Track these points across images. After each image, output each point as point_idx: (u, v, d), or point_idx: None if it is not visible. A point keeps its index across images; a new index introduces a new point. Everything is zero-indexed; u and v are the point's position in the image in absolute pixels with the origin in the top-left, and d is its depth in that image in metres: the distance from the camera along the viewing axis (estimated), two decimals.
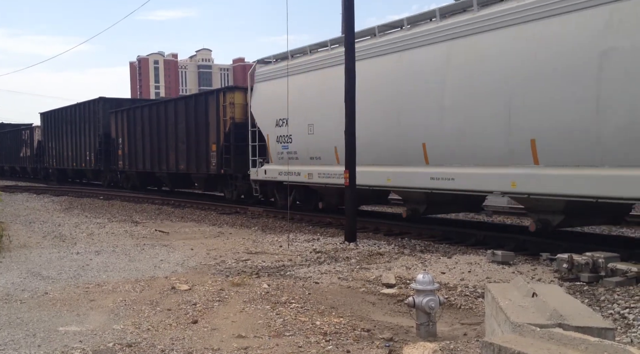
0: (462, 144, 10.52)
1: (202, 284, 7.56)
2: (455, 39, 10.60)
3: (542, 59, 9.09)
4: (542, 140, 9.16)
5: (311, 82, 14.17)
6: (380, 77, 12.14)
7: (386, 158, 12.17)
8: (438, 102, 10.83)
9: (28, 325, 5.93)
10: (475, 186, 10.44)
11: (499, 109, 9.81)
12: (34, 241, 11.77)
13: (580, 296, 6.83)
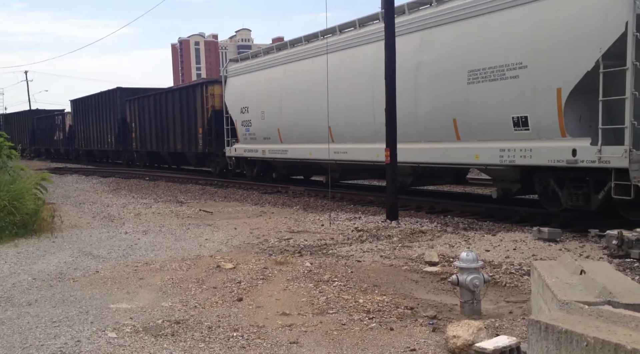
0: (351, 127, 14.45)
1: (246, 262, 7.67)
2: (345, 49, 14.66)
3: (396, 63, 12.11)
4: (402, 123, 11.88)
5: (262, 78, 18.08)
6: (301, 77, 16.16)
7: (308, 138, 15.96)
8: (335, 96, 14.16)
9: (81, 303, 6.15)
10: (359, 157, 14.36)
11: (367, 101, 13.60)
12: (84, 222, 12.15)
13: (630, 273, 6.66)
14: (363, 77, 13.76)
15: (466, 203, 12.47)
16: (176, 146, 24.46)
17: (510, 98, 10.31)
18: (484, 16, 10.82)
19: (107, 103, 31.95)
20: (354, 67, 14.22)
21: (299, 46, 16.78)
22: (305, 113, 15.91)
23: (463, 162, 11.73)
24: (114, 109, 30.81)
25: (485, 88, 10.75)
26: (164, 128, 25.37)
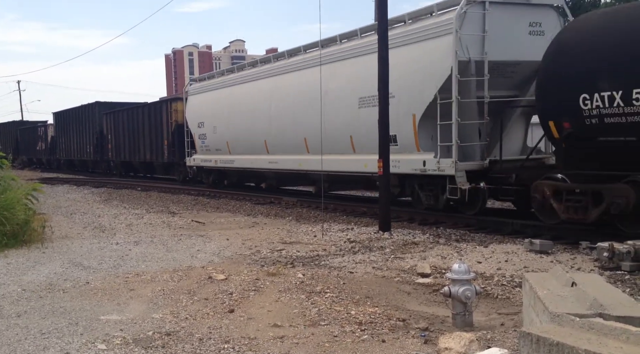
0: (280, 140, 16.86)
1: (238, 274, 7.64)
2: (278, 76, 17.22)
3: (306, 90, 15.28)
4: (311, 139, 15.31)
5: (215, 97, 20.61)
6: (244, 98, 18.70)
7: (250, 150, 18.47)
8: (267, 114, 17.37)
9: (71, 314, 6.10)
10: (287, 166, 16.81)
11: (291, 120, 16.27)
12: (75, 232, 12.08)
13: (621, 285, 6.68)
14: (289, 99, 16.47)
15: (458, 215, 12.49)
16: (146, 156, 26.97)
17: (363, 123, 13.43)
18: (369, 55, 13.12)
19: (86, 116, 34.37)
20: (282, 91, 16.94)
21: (244, 70, 19.68)
22: (247, 129, 18.47)
23: (358, 171, 14.18)
24: (93, 122, 33.19)
25: (369, 112, 13.13)
26: (135, 140, 27.75)
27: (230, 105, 19.44)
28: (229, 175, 21.22)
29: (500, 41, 11.51)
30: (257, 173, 19.49)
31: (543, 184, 10.09)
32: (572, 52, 9.52)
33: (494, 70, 11.63)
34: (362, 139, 13.69)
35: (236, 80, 19.57)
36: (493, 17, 11.49)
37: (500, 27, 11.52)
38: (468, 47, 11.34)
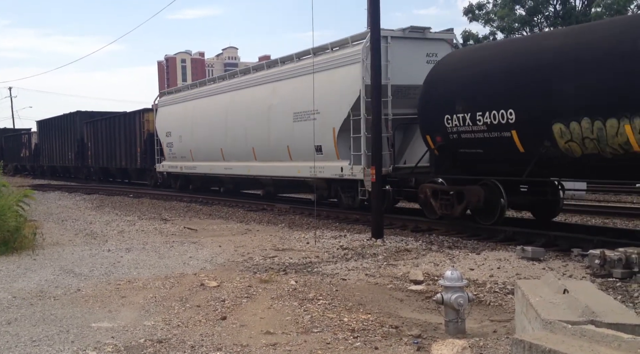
0: (234, 149, 18.83)
1: (231, 281, 7.62)
2: (233, 91, 19.24)
3: (254, 105, 17.68)
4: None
5: (181, 109, 22.61)
6: (205, 111, 20.82)
7: (208, 157, 20.54)
8: (224, 126, 19.42)
9: (62, 321, 6.05)
10: (239, 172, 19.07)
11: (242, 131, 18.30)
12: (66, 239, 12.01)
13: (612, 292, 6.70)
14: (241, 112, 18.46)
15: (451, 222, 12.51)
16: (121, 162, 29.01)
17: (298, 135, 15.67)
18: (302, 76, 15.51)
19: (68, 124, 36.20)
20: (236, 105, 18.91)
21: (206, 86, 21.84)
22: (207, 138, 20.55)
23: (294, 175, 16.28)
24: (74, 130, 35.03)
25: (301, 125, 15.53)
26: (112, 147, 29.76)
27: (194, 116, 21.57)
28: (193, 180, 23.48)
29: (401, 68, 13.68)
30: (216, 178, 21.67)
31: (425, 186, 12.34)
32: (439, 82, 11.89)
33: (398, 92, 13.76)
34: (296, 148, 15.97)
35: (199, 95, 21.61)
36: (394, 49, 13.68)
37: (401, 57, 13.75)
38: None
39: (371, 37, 11.61)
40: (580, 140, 9.12)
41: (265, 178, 18.18)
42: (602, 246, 8.18)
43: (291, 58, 16.62)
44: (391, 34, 13.71)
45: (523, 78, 9.95)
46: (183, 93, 23.25)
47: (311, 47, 15.29)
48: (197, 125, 21.18)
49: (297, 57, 16.40)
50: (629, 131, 8.39)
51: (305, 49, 16.14)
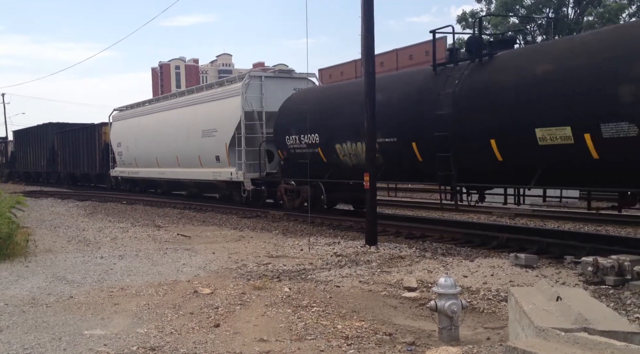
0: (164, 157, 23.13)
1: (224, 288, 7.60)
2: (164, 111, 23.79)
3: (177, 123, 21.92)
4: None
5: (129, 124, 26.98)
6: (144, 126, 25.13)
7: (148, 164, 24.78)
8: (158, 138, 23.55)
9: (54, 329, 6.02)
10: (168, 176, 23.53)
11: (171, 143, 22.31)
12: (59, 246, 11.95)
13: (605, 300, 6.72)
14: (170, 128, 22.60)
15: (445, 229, 12.55)
16: (84, 168, 33.38)
17: (214, 146, 19.52)
18: (207, 103, 20.41)
19: (41, 134, 40.21)
20: (167, 122, 23.11)
21: (149, 105, 26.17)
22: (146, 148, 24.67)
23: (203, 179, 20.79)
24: (47, 139, 38.94)
25: (207, 140, 19.96)
26: (77, 155, 34.03)
27: (138, 130, 25.80)
28: (138, 182, 27.45)
29: (273, 99, 17.89)
30: (154, 181, 25.95)
31: (280, 186, 17.11)
32: (284, 113, 16.79)
33: (271, 117, 17.77)
34: (204, 158, 20.37)
35: (142, 113, 26.09)
36: (267, 85, 18.40)
37: (273, 91, 18.23)
38: (252, 103, 18.10)
39: (365, 44, 11.67)
40: (349, 155, 14.01)
41: (186, 181, 22.99)
42: (595, 253, 8.20)
43: (201, 88, 22.19)
44: (264, 75, 18.96)
45: (322, 115, 14.95)
46: (130, 111, 27.62)
47: (215, 81, 21.78)
48: (140, 137, 25.42)
49: (206, 87, 21.86)
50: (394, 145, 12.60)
51: (211, 82, 21.98)
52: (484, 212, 16.98)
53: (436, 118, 11.13)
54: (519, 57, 11.02)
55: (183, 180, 22.77)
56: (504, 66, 10.72)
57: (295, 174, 16.29)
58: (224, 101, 19.11)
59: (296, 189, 16.39)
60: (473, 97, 10.86)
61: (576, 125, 8.99)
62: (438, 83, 11.62)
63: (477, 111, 10.71)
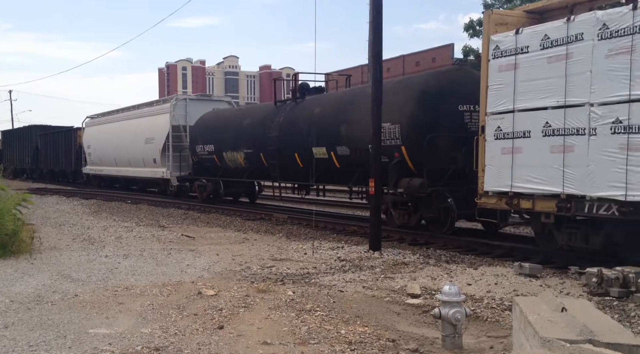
0: (120, 158, 28.29)
1: (228, 289, 7.62)
2: (122, 121, 29.12)
3: (130, 131, 27.40)
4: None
5: (96, 130, 32.27)
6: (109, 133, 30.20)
7: (109, 163, 30.15)
8: (117, 142, 28.48)
9: (59, 327, 6.05)
10: (127, 174, 28.35)
11: (125, 147, 27.59)
12: (64, 244, 11.99)
13: (609, 311, 6.72)
14: (126, 135, 27.70)
15: (448, 236, 12.53)
16: (62, 166, 38.74)
17: (152, 151, 25.08)
18: (148, 117, 26.11)
19: (26, 135, 46.10)
20: (123, 130, 28.29)
21: (114, 115, 31.30)
22: (108, 151, 29.88)
23: (147, 176, 26.28)
24: (31, 140, 44.67)
25: (148, 146, 25.39)
26: (57, 154, 39.36)
27: (102, 136, 30.94)
28: (103, 179, 32.47)
29: (196, 116, 22.82)
30: (114, 178, 31.02)
31: (196, 183, 22.23)
32: (196, 127, 22.31)
33: None
34: (146, 160, 25.81)
35: (107, 121, 31.50)
36: (191, 105, 24.25)
37: (196, 110, 23.58)
38: (178, 119, 23.87)
39: (373, 50, 11.71)
40: (232, 160, 19.70)
41: (135, 178, 28.08)
42: (599, 264, 8.19)
43: (150, 103, 28.05)
44: (189, 98, 25.74)
45: (216, 131, 20.73)
46: (99, 119, 33.18)
47: (154, 100, 28.93)
48: (103, 141, 30.62)
49: (148, 105, 27.91)
50: (240, 157, 19.20)
51: (152, 101, 28.79)
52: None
53: (270, 138, 17.18)
54: (311, 102, 16.61)
55: (133, 177, 28.04)
56: (304, 107, 16.63)
57: (203, 173, 21.99)
58: (158, 116, 25.07)
59: (205, 185, 21.57)
60: (288, 125, 16.71)
61: (327, 147, 15.02)
62: (275, 114, 17.54)
63: (290, 135, 16.51)
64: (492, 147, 10.33)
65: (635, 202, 8.20)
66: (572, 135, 8.99)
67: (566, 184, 9.06)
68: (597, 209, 8.71)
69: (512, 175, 9.94)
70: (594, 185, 8.70)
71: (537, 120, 9.48)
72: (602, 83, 8.60)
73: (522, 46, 9.78)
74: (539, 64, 9.45)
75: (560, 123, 9.09)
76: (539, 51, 9.46)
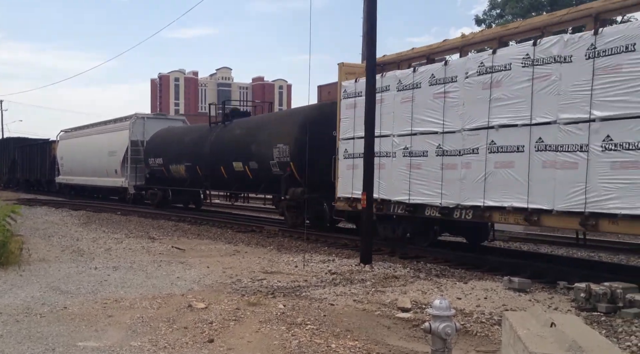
0: (88, 169, 31.56)
1: (218, 302, 7.61)
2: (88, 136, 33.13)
3: (96, 144, 30.91)
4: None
5: (68, 143, 35.57)
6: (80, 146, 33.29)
7: (78, 173, 33.02)
8: (84, 154, 32.04)
9: (47, 339, 6.01)
10: (90, 183, 32.42)
11: (91, 159, 31.08)
12: (53, 255, 11.92)
13: (597, 326, 6.77)
14: (92, 148, 31.17)
15: (439, 250, 12.59)
16: (37, 175, 41.94)
17: (114, 163, 28.46)
18: (111, 132, 29.61)
19: (4, 147, 50.20)
20: (89, 144, 31.80)
21: (83, 130, 34.78)
22: (77, 162, 33.06)
23: (111, 185, 29.35)
24: (9, 152, 48.47)
25: (111, 158, 28.64)
26: (32, 164, 42.80)
27: (74, 148, 34.12)
28: (73, 187, 35.35)
29: (153, 132, 26.40)
30: (83, 186, 33.86)
31: (148, 191, 25.81)
32: (150, 142, 25.83)
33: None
34: (109, 170, 29.06)
35: (78, 135, 34.77)
36: (149, 123, 27.78)
37: (152, 127, 27.07)
38: (137, 135, 27.29)
39: (367, 64, 11.81)
40: (176, 172, 23.22)
41: (101, 187, 31.20)
42: (587, 279, 8.25)
43: (111, 121, 31.29)
44: (147, 116, 28.97)
45: (163, 146, 24.52)
46: (71, 132, 36.54)
47: (117, 118, 31.10)
48: (75, 153, 33.78)
49: (113, 122, 30.99)
50: (182, 169, 22.83)
51: (115, 118, 31.16)
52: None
53: (204, 153, 21.14)
54: (235, 124, 20.34)
55: (99, 186, 31.35)
56: (230, 128, 20.36)
57: (155, 183, 25.72)
58: (120, 132, 28.52)
59: (156, 193, 25.32)
60: (218, 143, 20.55)
61: (243, 162, 18.66)
62: (208, 134, 21.48)
63: (218, 151, 20.30)
64: (342, 164, 14.08)
65: (415, 204, 11.98)
66: (383, 157, 12.58)
67: (380, 192, 12.56)
68: (395, 209, 12.59)
69: (353, 185, 13.47)
70: (394, 192, 12.45)
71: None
72: (399, 121, 12.34)
73: (358, 91, 13.23)
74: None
75: (379, 147, 12.36)
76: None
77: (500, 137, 10.21)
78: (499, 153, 10.22)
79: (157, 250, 13.07)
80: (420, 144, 11.81)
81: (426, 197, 11.69)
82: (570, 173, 9.01)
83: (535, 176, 9.59)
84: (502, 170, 10.16)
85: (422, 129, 11.77)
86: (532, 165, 9.65)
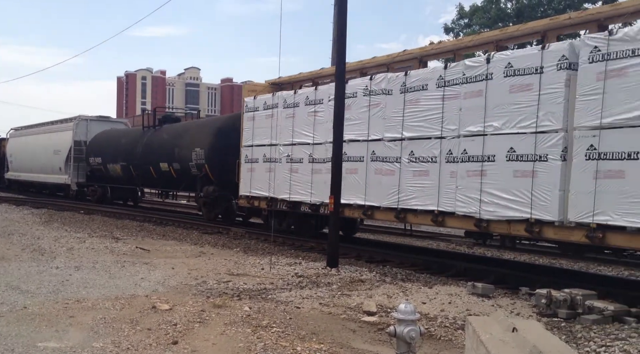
0: (35, 166, 33.10)
1: (183, 304, 7.53)
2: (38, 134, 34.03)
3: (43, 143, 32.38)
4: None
5: (17, 141, 36.91)
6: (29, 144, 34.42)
7: (26, 170, 34.72)
8: (33, 152, 33.26)
9: (6, 339, 5.87)
10: (37, 179, 33.28)
11: (39, 157, 32.44)
12: (12, 254, 11.63)
13: (557, 332, 6.93)
14: (40, 146, 32.32)
15: (405, 254, 12.72)
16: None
17: (59, 161, 29.87)
18: (57, 132, 31.28)
19: None
20: (37, 142, 32.91)
21: (32, 129, 35.70)
22: (25, 159, 34.58)
23: (55, 182, 30.92)
24: None
25: (56, 156, 30.33)
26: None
27: (22, 146, 35.66)
28: (21, 183, 36.36)
29: (97, 133, 28.41)
30: (30, 183, 35.10)
31: (90, 188, 28.16)
32: (91, 143, 28.08)
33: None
34: (53, 167, 30.47)
35: (26, 134, 35.92)
36: (92, 124, 29.36)
37: (95, 128, 29.02)
38: (80, 136, 28.83)
39: (337, 69, 11.87)
40: (113, 170, 25.36)
41: (47, 183, 32.42)
42: (549, 286, 8.44)
43: (58, 122, 32.31)
44: (90, 118, 29.84)
45: (102, 147, 26.74)
46: (20, 131, 37.65)
47: (62, 119, 32.13)
48: (23, 151, 35.21)
49: (58, 122, 32.09)
50: (118, 168, 25.21)
51: (60, 119, 32.40)
52: (443, 240, 17.26)
53: (137, 154, 23.43)
54: (164, 129, 22.90)
55: (45, 182, 32.76)
56: (160, 132, 22.81)
57: (95, 181, 27.72)
58: (64, 132, 30.10)
59: (96, 189, 27.52)
60: (149, 145, 22.87)
61: (168, 163, 21.15)
62: (141, 137, 23.89)
63: (148, 153, 22.66)
64: (243, 168, 16.60)
65: (294, 201, 14.55)
66: (274, 162, 15.25)
67: (270, 191, 15.37)
68: (281, 205, 15.19)
69: (251, 185, 16.09)
70: (280, 191, 15.01)
71: (261, 152, 15.78)
72: (284, 133, 14.94)
73: (256, 106, 16.01)
74: (262, 119, 15.74)
75: (270, 154, 15.35)
76: (262, 111, 15.78)
77: (350, 149, 12.67)
78: (349, 162, 12.59)
79: (121, 250, 12.86)
80: (298, 153, 14.47)
81: (301, 196, 14.27)
82: (391, 179, 11.83)
83: (370, 180, 12.35)
84: (350, 175, 12.63)
85: (299, 140, 14.46)
86: (368, 171, 12.39)
